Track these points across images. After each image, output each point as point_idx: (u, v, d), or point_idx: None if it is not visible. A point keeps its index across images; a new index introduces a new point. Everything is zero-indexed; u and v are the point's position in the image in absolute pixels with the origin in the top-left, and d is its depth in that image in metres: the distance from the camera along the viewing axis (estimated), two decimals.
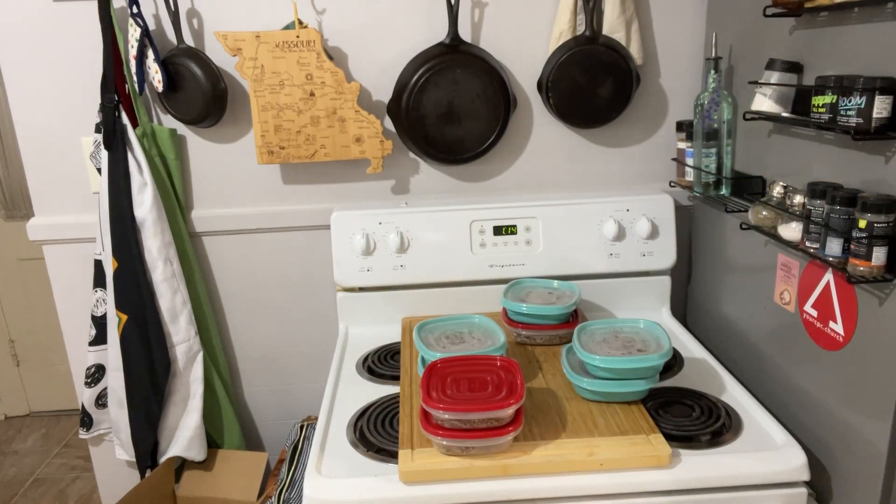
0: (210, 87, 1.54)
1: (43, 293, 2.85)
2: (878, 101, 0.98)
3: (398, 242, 1.59)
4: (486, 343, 1.32)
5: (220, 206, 1.71)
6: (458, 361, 1.17)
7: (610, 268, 1.63)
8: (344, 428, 1.22)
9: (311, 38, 1.51)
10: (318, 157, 1.58)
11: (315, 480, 1.07)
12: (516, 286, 1.56)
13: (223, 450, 1.76)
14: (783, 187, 1.25)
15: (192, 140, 1.67)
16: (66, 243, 1.70)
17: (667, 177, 1.72)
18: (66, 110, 1.62)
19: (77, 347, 1.75)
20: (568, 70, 1.56)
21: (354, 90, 1.55)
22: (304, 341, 1.81)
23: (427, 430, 1.05)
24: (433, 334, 1.36)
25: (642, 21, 1.62)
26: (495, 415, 1.03)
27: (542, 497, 1.06)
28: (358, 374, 1.43)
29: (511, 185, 1.74)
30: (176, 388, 1.66)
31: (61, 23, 1.56)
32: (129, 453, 1.68)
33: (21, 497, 2.44)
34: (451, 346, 1.31)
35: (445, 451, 1.06)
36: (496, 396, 1.05)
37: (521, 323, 1.45)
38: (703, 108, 1.44)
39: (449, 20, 1.56)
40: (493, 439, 1.03)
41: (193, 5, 1.58)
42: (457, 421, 1.04)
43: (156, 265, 1.59)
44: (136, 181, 1.56)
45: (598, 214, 1.62)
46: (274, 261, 1.75)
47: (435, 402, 1.04)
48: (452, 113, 1.59)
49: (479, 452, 1.05)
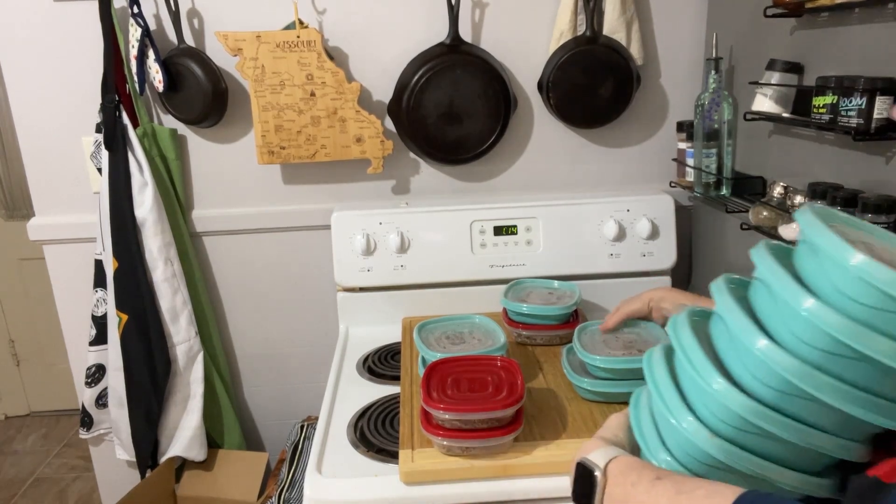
0: (211, 88, 1.54)
1: (43, 293, 2.84)
2: (879, 102, 0.98)
3: (398, 242, 1.59)
4: (486, 343, 1.31)
5: (220, 206, 1.71)
6: (459, 361, 1.16)
7: (610, 268, 1.63)
8: (344, 428, 1.22)
9: (311, 39, 1.51)
10: (318, 157, 1.58)
11: (315, 480, 1.07)
12: (516, 286, 1.56)
13: (223, 450, 1.76)
14: (784, 188, 1.25)
15: (193, 140, 1.67)
16: (66, 243, 1.70)
17: (667, 177, 1.72)
18: (67, 110, 1.62)
19: (77, 347, 1.75)
20: (568, 70, 1.56)
21: (355, 90, 1.55)
22: (305, 341, 1.81)
23: (427, 430, 1.05)
24: (433, 334, 1.36)
25: (643, 21, 1.62)
26: (496, 415, 1.03)
27: (542, 497, 1.06)
28: (358, 374, 1.43)
29: (511, 185, 1.74)
30: (176, 388, 1.66)
31: (62, 23, 1.56)
32: (129, 453, 1.68)
33: (21, 497, 2.44)
34: (452, 346, 1.31)
35: (446, 452, 1.06)
36: (497, 397, 1.05)
37: (521, 323, 1.45)
38: (704, 109, 1.44)
39: (449, 20, 1.56)
40: (494, 439, 1.03)
41: (194, 5, 1.58)
42: (457, 421, 1.03)
43: (156, 265, 1.59)
44: (137, 181, 1.56)
45: (598, 214, 1.62)
46: (274, 261, 1.75)
47: (435, 403, 1.03)
48: (453, 113, 1.59)
49: (480, 453, 1.05)
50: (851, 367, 0.55)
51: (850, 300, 0.54)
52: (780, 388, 0.58)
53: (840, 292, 0.55)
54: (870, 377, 0.55)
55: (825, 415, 0.57)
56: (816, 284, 0.57)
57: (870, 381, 0.55)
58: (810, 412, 0.58)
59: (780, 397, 0.58)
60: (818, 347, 0.55)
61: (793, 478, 0.61)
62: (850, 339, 0.53)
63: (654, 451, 0.67)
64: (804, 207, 0.62)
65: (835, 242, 0.55)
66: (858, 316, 0.53)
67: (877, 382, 0.55)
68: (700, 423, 0.62)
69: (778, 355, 0.57)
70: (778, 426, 0.58)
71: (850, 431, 0.58)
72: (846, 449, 0.59)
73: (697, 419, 0.62)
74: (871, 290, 0.52)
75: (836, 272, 0.55)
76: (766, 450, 0.60)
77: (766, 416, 0.58)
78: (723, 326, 0.65)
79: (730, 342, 0.63)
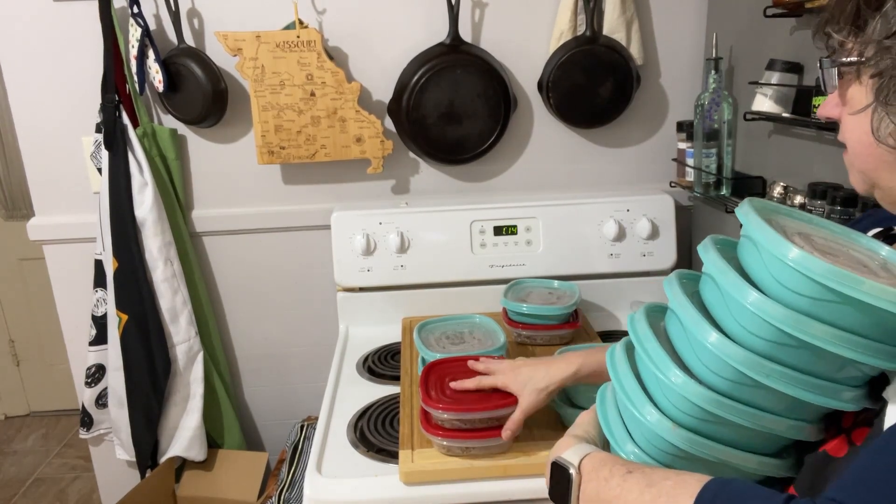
0: (210, 88, 1.54)
1: (43, 293, 2.84)
2: None
3: (398, 242, 1.59)
4: (486, 343, 1.31)
5: (220, 206, 1.71)
6: (458, 362, 1.16)
7: (610, 268, 1.63)
8: (344, 428, 1.22)
9: (311, 39, 1.51)
10: (318, 157, 1.58)
11: (315, 480, 1.07)
12: (516, 286, 1.56)
13: (223, 450, 1.76)
14: (783, 187, 1.25)
15: (193, 140, 1.67)
16: (66, 243, 1.70)
17: (667, 177, 1.72)
18: (67, 110, 1.62)
19: (77, 347, 1.75)
20: (568, 70, 1.56)
21: (355, 90, 1.55)
22: (304, 341, 1.81)
23: (427, 430, 1.05)
24: (434, 334, 1.36)
25: (643, 21, 1.62)
26: (495, 414, 1.03)
27: (542, 497, 1.05)
28: (358, 374, 1.43)
29: (511, 185, 1.74)
30: (176, 388, 1.66)
31: (61, 23, 1.56)
32: (129, 453, 1.68)
33: (21, 497, 2.44)
34: (452, 346, 1.31)
35: (446, 452, 1.06)
36: (496, 396, 1.05)
37: (521, 323, 1.45)
38: (704, 109, 1.44)
39: (449, 20, 1.56)
40: (494, 440, 1.03)
41: (194, 5, 1.58)
42: (457, 421, 1.03)
43: (156, 265, 1.59)
44: (137, 181, 1.56)
45: (598, 214, 1.62)
46: (274, 261, 1.75)
47: (434, 403, 1.03)
48: (453, 113, 1.59)
49: (480, 453, 1.05)
50: (795, 354, 0.58)
51: (791, 292, 0.57)
52: (732, 378, 0.61)
53: (781, 285, 0.58)
54: (811, 361, 0.58)
55: (776, 400, 0.60)
56: (759, 277, 0.61)
57: (812, 366, 0.58)
58: (762, 398, 0.61)
59: (733, 386, 0.61)
60: (764, 338, 0.59)
61: (753, 461, 0.64)
62: (792, 328, 0.56)
63: (621, 444, 0.70)
64: (744, 202, 0.65)
65: (773, 238, 0.58)
66: (799, 306, 0.56)
67: (817, 366, 0.58)
68: (662, 415, 0.65)
69: (728, 348, 0.60)
70: (734, 413, 0.61)
71: (799, 413, 0.61)
72: (798, 430, 0.62)
73: (660, 411, 0.65)
74: (809, 281, 0.55)
75: (775, 266, 0.58)
76: (725, 436, 0.64)
77: (722, 405, 0.61)
78: (677, 321, 0.68)
79: (684, 336, 0.66)
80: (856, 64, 0.60)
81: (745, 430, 0.62)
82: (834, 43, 0.62)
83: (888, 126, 0.58)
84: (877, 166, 0.62)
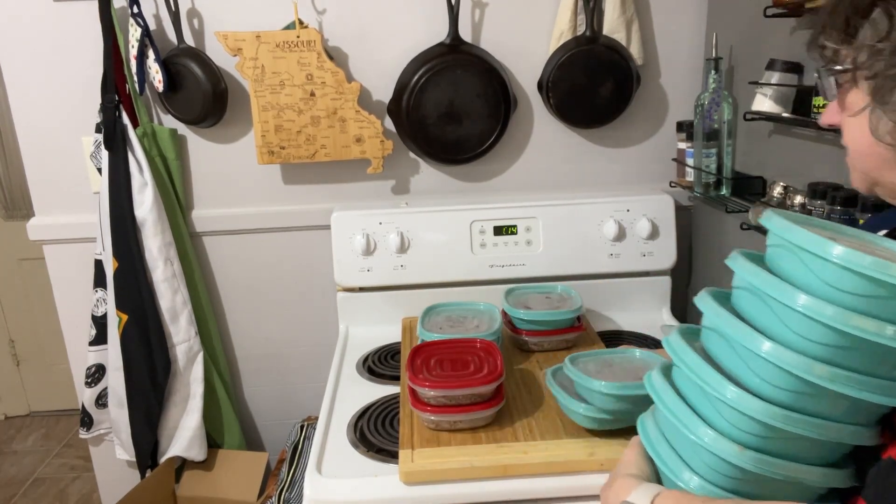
0: (210, 88, 1.54)
1: (43, 293, 2.84)
2: None
3: (398, 242, 1.59)
4: (482, 328, 1.34)
5: (220, 206, 1.71)
6: (442, 345, 1.23)
7: (610, 268, 1.63)
8: (344, 428, 1.22)
9: (311, 39, 1.51)
10: (318, 157, 1.58)
11: (315, 480, 1.07)
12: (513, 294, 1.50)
13: (223, 450, 1.76)
14: (783, 187, 1.25)
15: (193, 140, 1.67)
16: (66, 243, 1.70)
17: (667, 177, 1.72)
18: (67, 110, 1.62)
19: (77, 347, 1.75)
20: (568, 70, 1.56)
21: (355, 90, 1.55)
22: (304, 341, 1.81)
23: (416, 406, 1.10)
24: (439, 317, 1.41)
25: (643, 21, 1.62)
26: (477, 391, 1.09)
27: (542, 497, 1.06)
28: (358, 374, 1.43)
29: (511, 185, 1.74)
30: (176, 388, 1.66)
31: (61, 23, 1.56)
32: (129, 453, 1.69)
33: (21, 497, 2.44)
34: (450, 328, 1.35)
35: (435, 427, 1.11)
36: (478, 374, 1.12)
37: (526, 330, 1.40)
38: (704, 109, 1.44)
39: (449, 20, 1.56)
40: (478, 412, 1.09)
41: (194, 5, 1.58)
42: (442, 398, 1.09)
43: (156, 265, 1.59)
44: (137, 181, 1.56)
45: (598, 214, 1.62)
46: (274, 261, 1.75)
47: (421, 381, 1.10)
48: (453, 113, 1.59)
49: (466, 425, 1.10)
50: (852, 355, 0.57)
51: (838, 290, 0.56)
52: (791, 388, 0.59)
53: (827, 284, 0.57)
54: (869, 361, 0.57)
55: (832, 406, 0.59)
56: (803, 282, 0.59)
57: (868, 365, 0.57)
58: (822, 405, 0.59)
59: (794, 397, 0.59)
60: (819, 342, 0.57)
61: (817, 473, 0.62)
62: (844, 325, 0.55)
63: (677, 473, 0.67)
64: (769, 213, 0.65)
65: (814, 239, 0.57)
66: (849, 304, 0.55)
67: (873, 364, 0.57)
68: (727, 439, 0.62)
69: (785, 355, 0.58)
70: (800, 425, 0.59)
71: (856, 417, 0.60)
72: (860, 435, 0.60)
73: (719, 433, 0.63)
74: (856, 276, 0.55)
75: (819, 266, 0.57)
76: (789, 451, 0.61)
77: (789, 418, 0.59)
78: (716, 338, 0.66)
79: (731, 352, 0.64)
80: (851, 70, 0.62)
81: (806, 441, 0.60)
82: (828, 53, 0.64)
83: (886, 125, 0.60)
84: (877, 165, 0.63)
